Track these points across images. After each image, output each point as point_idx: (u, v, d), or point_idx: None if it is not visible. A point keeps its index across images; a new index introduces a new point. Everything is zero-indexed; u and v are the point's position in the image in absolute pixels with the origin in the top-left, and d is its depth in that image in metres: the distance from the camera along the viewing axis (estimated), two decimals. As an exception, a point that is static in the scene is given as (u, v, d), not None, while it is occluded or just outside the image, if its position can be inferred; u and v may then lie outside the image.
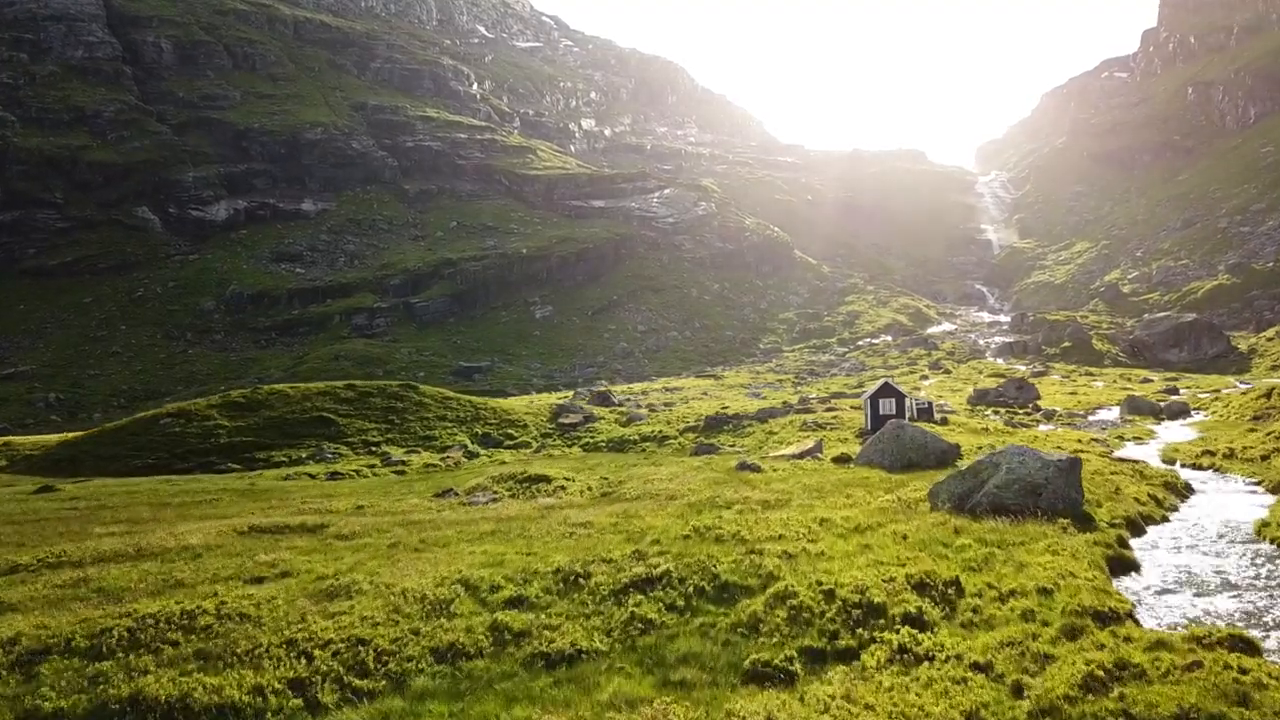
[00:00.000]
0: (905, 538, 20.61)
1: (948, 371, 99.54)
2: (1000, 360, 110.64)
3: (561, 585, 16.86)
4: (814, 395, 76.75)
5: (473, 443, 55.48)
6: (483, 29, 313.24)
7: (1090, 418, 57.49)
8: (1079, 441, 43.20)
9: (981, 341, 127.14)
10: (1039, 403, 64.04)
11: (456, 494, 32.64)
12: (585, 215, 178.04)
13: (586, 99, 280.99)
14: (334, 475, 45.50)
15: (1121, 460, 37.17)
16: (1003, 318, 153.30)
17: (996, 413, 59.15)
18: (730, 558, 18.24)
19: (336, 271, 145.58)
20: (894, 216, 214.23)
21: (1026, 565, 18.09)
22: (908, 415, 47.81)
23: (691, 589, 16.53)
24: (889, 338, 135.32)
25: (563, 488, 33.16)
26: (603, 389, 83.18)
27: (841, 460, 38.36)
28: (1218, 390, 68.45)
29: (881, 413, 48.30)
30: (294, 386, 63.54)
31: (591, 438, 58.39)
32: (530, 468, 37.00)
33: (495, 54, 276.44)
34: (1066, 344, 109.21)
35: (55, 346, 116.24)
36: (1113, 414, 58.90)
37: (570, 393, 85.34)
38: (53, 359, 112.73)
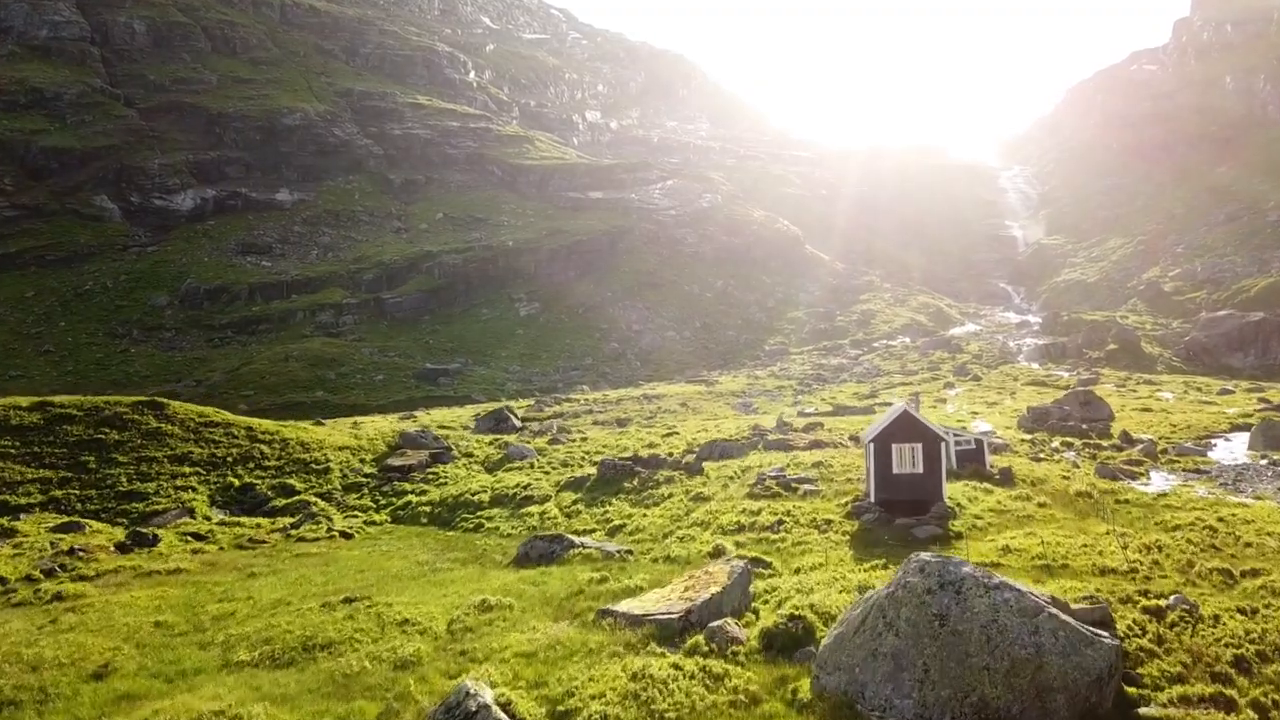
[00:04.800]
0: None
1: (977, 378, 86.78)
2: (1035, 365, 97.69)
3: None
4: (810, 409, 63.69)
5: (210, 505, 38.67)
6: (487, 20, 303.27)
7: (1211, 453, 40.68)
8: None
9: (1012, 344, 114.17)
10: (1127, 430, 45.96)
11: None
12: (582, 207, 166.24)
13: (593, 91, 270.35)
14: None
15: None
16: (1032, 318, 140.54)
17: (1069, 445, 41.82)
18: None
19: (306, 265, 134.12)
20: (913, 212, 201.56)
21: None
22: (944, 465, 29.67)
23: None
24: (907, 339, 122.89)
25: None
26: (500, 407, 65.96)
27: (786, 650, 16.88)
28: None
29: (896, 469, 29.09)
30: (-57, 405, 45.80)
31: (419, 495, 41.50)
32: None
33: (498, 44, 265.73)
34: (1112, 347, 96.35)
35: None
36: (1236, 445, 42.51)
37: (493, 404, 73.18)
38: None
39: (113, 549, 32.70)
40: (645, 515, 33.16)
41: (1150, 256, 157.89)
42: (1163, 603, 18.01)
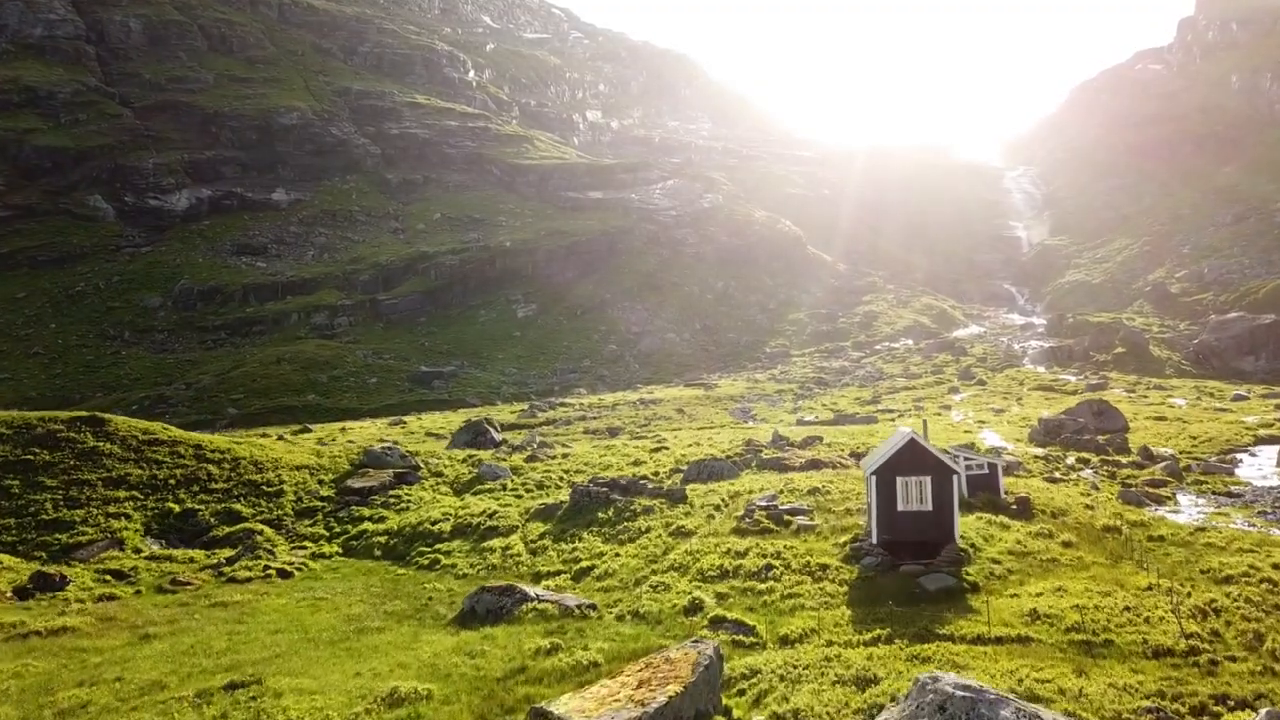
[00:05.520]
0: None
1: (982, 382, 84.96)
2: (1041, 368, 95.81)
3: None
4: (811, 417, 62.04)
5: (144, 534, 34.49)
6: (488, 19, 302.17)
7: (1239, 470, 37.65)
8: None
9: (1017, 346, 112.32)
10: (1147, 445, 42.45)
11: None
12: (582, 207, 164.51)
13: (594, 91, 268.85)
14: None
15: None
16: (1036, 320, 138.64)
17: (1085, 462, 38.73)
18: None
19: (302, 266, 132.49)
20: (916, 213, 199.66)
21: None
22: (956, 500, 26.08)
23: None
24: (910, 341, 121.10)
25: None
26: (479, 419, 62.86)
27: None
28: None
29: (902, 505, 25.68)
30: None
31: (376, 523, 38.42)
32: None
33: (498, 44, 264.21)
34: (1119, 350, 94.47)
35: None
36: (1263, 461, 39.37)
37: (489, 408, 71.35)
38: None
39: (10, 595, 28.49)
40: (618, 555, 29.96)
41: (1156, 258, 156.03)
42: (1249, 718, 14.47)
